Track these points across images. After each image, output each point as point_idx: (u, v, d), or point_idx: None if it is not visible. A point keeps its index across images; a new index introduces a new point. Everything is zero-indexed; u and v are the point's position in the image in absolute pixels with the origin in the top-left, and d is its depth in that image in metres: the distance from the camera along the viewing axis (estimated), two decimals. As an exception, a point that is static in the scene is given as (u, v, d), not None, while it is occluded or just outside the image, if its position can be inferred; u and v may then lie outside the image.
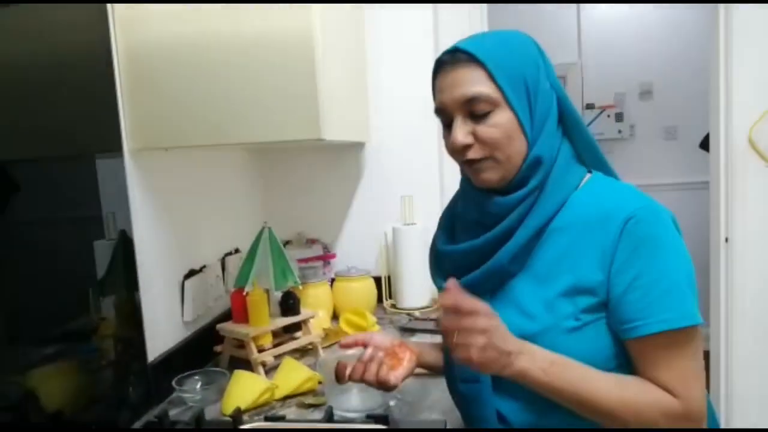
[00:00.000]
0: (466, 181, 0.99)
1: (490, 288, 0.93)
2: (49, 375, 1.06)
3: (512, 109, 0.88)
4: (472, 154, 0.90)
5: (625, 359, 0.88)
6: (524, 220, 0.90)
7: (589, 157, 0.97)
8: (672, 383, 0.83)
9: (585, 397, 0.83)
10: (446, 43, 0.94)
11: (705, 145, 2.52)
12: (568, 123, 0.94)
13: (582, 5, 3.86)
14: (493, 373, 0.82)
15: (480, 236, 0.93)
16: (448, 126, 0.93)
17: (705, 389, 0.86)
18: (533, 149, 0.89)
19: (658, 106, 3.85)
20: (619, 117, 3.87)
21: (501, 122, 0.88)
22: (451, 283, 0.82)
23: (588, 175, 0.95)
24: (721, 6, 2.01)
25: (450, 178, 2.08)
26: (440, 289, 0.97)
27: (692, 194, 3.65)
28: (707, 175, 2.25)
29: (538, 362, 0.83)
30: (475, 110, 0.88)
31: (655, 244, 0.84)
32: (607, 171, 0.98)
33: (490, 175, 0.91)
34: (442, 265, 1.02)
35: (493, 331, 0.80)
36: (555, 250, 0.90)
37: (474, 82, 0.87)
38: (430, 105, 2.20)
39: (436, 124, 1.98)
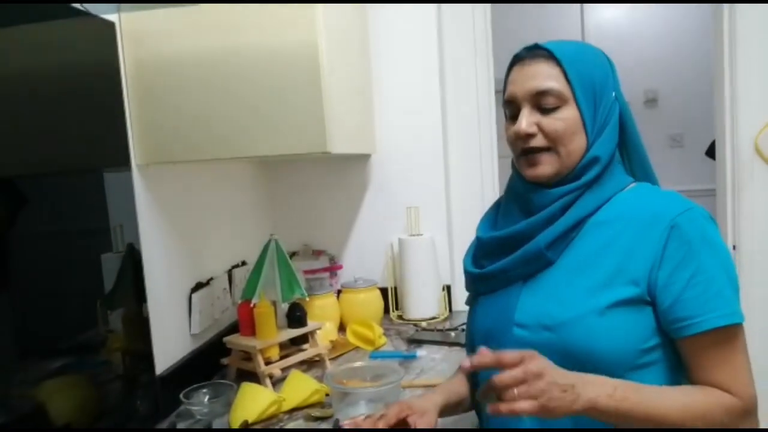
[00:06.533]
0: (514, 176, 1.01)
1: (524, 274, 0.94)
2: (57, 388, 1.06)
3: (578, 107, 0.91)
4: (534, 143, 0.93)
5: (653, 357, 0.88)
6: (567, 211, 0.93)
7: (640, 171, 1.01)
8: (728, 381, 0.85)
9: (654, 414, 0.80)
10: (451, 54, 0.95)
11: (711, 152, 2.51)
12: (625, 136, 0.98)
13: (585, 13, 3.87)
14: (564, 413, 0.76)
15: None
16: (512, 118, 0.96)
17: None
18: (591, 149, 0.93)
19: (664, 113, 3.84)
20: (624, 125, 3.86)
21: (566, 117, 0.91)
22: (483, 350, 0.78)
23: (633, 183, 0.98)
24: (725, 8, 2.01)
25: (456, 189, 2.08)
26: (468, 272, 1.02)
27: (698, 202, 3.56)
28: (713, 182, 2.24)
29: (604, 388, 0.79)
30: (543, 103, 0.92)
31: (709, 243, 0.88)
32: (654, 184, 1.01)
33: (546, 169, 0.93)
34: (479, 251, 1.02)
35: (548, 370, 0.76)
36: (596, 241, 0.91)
37: (548, 77, 0.91)
38: (436, 115, 2.19)
39: (441, 135, 1.99)
